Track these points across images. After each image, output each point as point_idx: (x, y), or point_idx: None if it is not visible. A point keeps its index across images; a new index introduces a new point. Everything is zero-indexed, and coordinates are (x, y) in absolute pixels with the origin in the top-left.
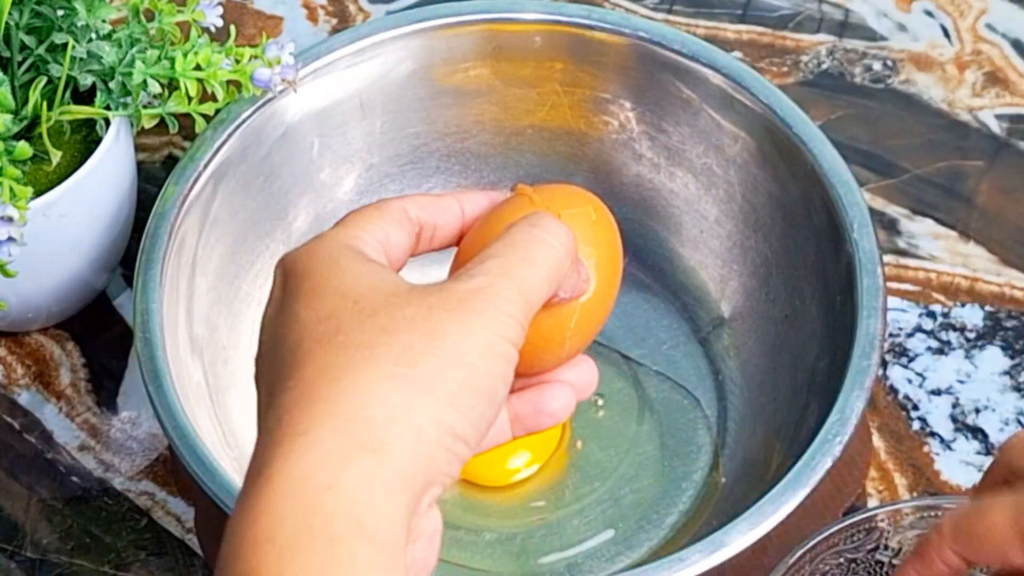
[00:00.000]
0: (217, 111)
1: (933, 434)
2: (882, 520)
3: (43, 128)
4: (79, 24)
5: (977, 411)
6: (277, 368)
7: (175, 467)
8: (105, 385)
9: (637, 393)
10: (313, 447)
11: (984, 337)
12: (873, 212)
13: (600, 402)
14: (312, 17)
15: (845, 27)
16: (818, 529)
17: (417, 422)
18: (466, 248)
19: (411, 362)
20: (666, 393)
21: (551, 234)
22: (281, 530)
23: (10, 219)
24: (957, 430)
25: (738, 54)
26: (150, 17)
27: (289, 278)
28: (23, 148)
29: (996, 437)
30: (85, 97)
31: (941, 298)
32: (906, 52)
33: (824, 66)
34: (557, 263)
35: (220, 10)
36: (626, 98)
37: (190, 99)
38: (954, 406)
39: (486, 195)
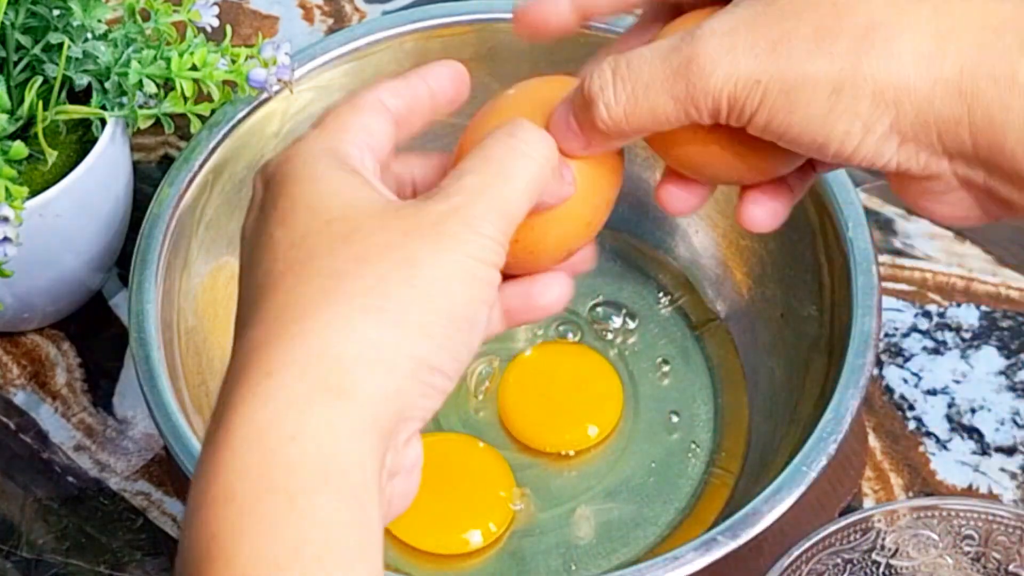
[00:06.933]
0: (213, 111)
1: (929, 434)
2: (878, 520)
3: (39, 128)
4: (75, 24)
5: (973, 411)
6: (250, 295)
7: (171, 467)
8: (101, 385)
9: (633, 391)
10: (277, 393)
11: (980, 337)
12: (869, 212)
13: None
14: (308, 17)
15: None
16: (814, 529)
17: (389, 357)
18: (461, 153)
19: (384, 293)
20: (662, 391)
21: (529, 144)
22: (241, 487)
23: (6, 219)
24: (953, 430)
25: None
26: (146, 17)
27: (267, 188)
28: (19, 148)
29: (992, 437)
30: (81, 97)
31: (937, 298)
32: None
33: None
34: (536, 175)
35: (216, 10)
36: None
37: (186, 99)
38: (950, 406)
39: (445, 66)
